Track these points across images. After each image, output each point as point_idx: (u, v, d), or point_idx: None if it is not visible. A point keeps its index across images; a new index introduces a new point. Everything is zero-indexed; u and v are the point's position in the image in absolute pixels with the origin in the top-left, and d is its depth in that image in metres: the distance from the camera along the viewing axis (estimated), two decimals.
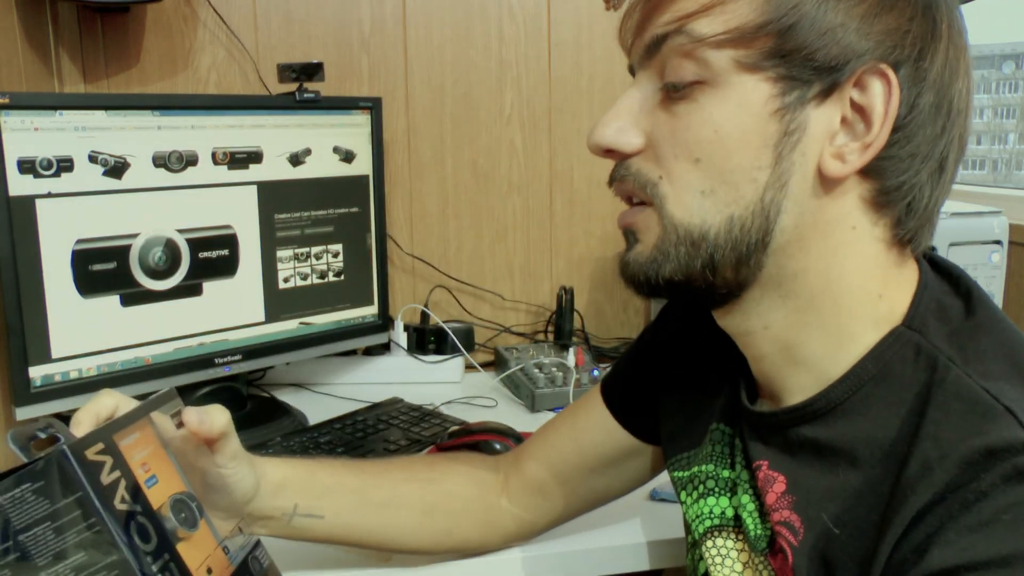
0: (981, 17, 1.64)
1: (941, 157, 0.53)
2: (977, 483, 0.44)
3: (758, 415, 0.60)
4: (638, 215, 0.56)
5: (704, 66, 0.52)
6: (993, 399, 0.47)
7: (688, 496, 0.67)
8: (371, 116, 1.29)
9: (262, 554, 0.65)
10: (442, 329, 1.42)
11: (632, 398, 0.77)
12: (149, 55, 1.35)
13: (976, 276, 1.22)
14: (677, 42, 0.52)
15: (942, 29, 0.52)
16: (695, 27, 0.51)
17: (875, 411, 0.52)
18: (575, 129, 1.52)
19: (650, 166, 0.55)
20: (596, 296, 1.58)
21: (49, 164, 1.00)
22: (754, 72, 0.51)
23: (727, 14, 0.51)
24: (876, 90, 0.50)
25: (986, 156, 13.75)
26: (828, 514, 0.52)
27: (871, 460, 0.51)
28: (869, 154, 0.50)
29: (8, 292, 0.98)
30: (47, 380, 1.02)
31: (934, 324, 0.53)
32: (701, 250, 0.53)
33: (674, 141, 0.53)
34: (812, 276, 0.54)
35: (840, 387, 0.54)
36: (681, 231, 0.53)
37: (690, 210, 0.53)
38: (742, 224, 0.52)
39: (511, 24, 1.47)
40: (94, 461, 0.49)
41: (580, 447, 0.78)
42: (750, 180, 0.52)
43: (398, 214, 1.48)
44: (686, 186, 0.53)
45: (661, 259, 0.54)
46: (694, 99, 0.52)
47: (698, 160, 0.52)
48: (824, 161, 0.51)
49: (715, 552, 0.63)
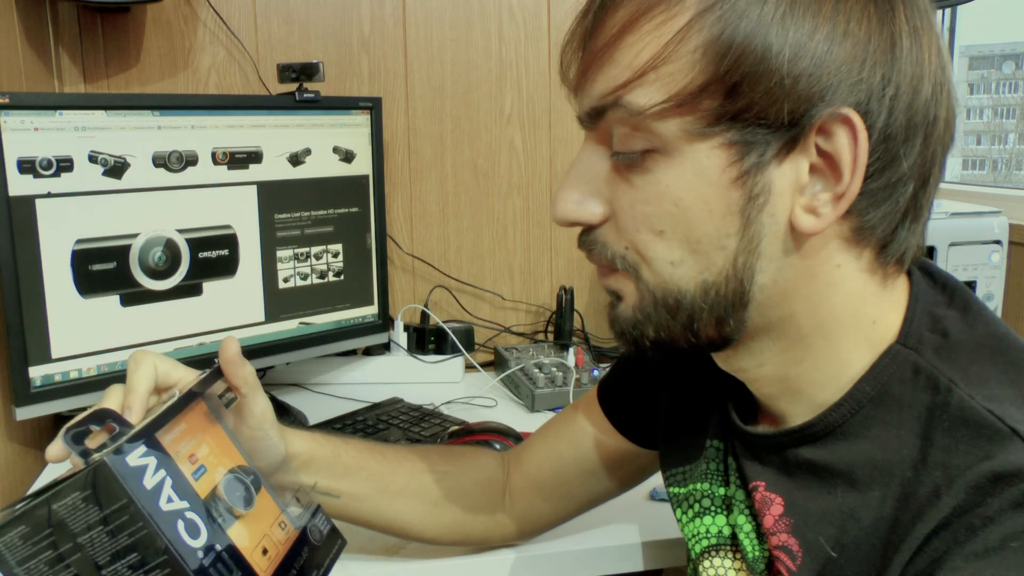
0: (981, 17, 1.64)
1: (924, 173, 0.50)
2: (984, 508, 0.43)
3: (754, 436, 0.58)
4: (616, 277, 0.54)
5: (652, 136, 0.48)
6: (999, 420, 0.45)
7: (684, 514, 0.66)
8: (371, 116, 1.29)
9: (321, 521, 0.64)
10: (442, 329, 1.42)
11: (628, 402, 0.76)
12: (149, 55, 1.35)
13: (976, 276, 1.23)
14: (617, 115, 0.49)
15: (901, 37, 0.47)
16: (632, 99, 0.48)
17: (875, 433, 0.50)
18: (575, 129, 1.52)
19: (615, 238, 0.53)
20: (596, 296, 1.58)
21: (49, 164, 1.00)
22: (705, 139, 0.47)
23: (663, 79, 0.47)
24: (841, 137, 0.46)
25: (986, 156, 13.75)
26: (825, 537, 0.51)
27: (870, 482, 0.49)
28: (843, 205, 0.47)
29: (8, 292, 0.98)
30: (47, 380, 1.02)
31: (929, 339, 0.51)
32: (679, 314, 0.51)
33: (634, 214, 0.51)
34: (800, 319, 0.52)
35: (838, 410, 0.52)
36: (658, 295, 0.52)
37: (663, 278, 0.51)
38: (717, 289, 0.50)
39: (511, 24, 1.47)
40: (136, 466, 0.50)
41: (577, 450, 0.78)
42: (719, 248, 0.49)
43: (398, 214, 1.48)
44: (653, 257, 0.51)
45: (643, 319, 0.53)
46: (648, 169, 0.49)
47: (662, 232, 0.50)
48: (796, 217, 0.48)
49: (713, 572, 0.63)
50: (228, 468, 0.58)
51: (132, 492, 0.49)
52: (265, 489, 0.60)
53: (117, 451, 0.50)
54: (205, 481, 0.55)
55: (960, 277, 1.18)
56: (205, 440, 0.58)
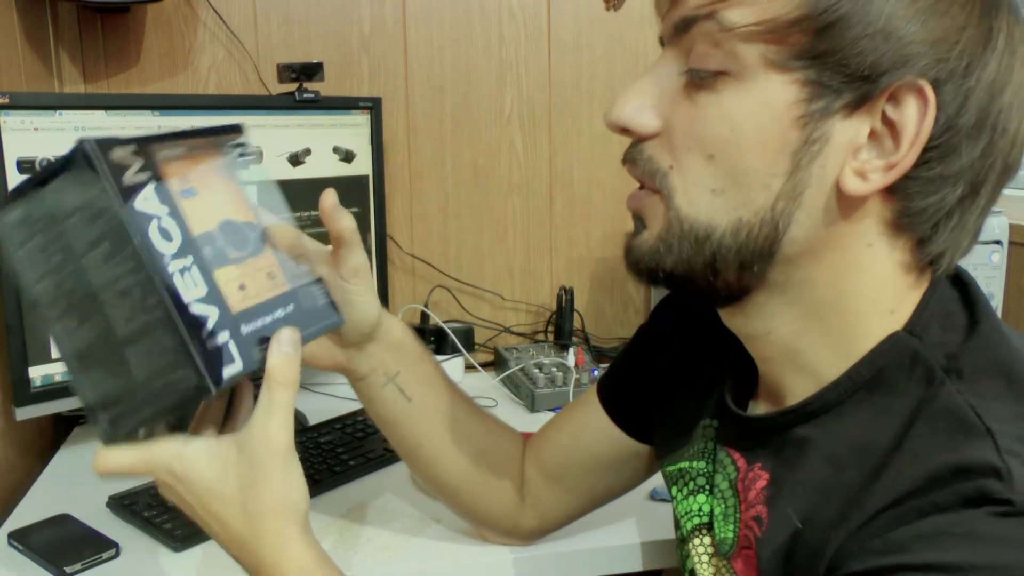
0: None
1: (976, 181, 0.49)
2: (937, 496, 0.43)
3: (751, 419, 0.59)
4: (646, 200, 0.53)
5: (731, 57, 0.48)
6: (977, 418, 0.45)
7: (679, 492, 0.67)
8: (371, 116, 1.29)
9: (319, 291, 0.61)
10: (442, 329, 1.42)
11: (627, 399, 0.76)
12: (149, 55, 1.35)
13: (976, 276, 1.22)
14: (705, 28, 0.49)
15: (998, 37, 0.47)
16: (727, 15, 0.48)
17: (866, 416, 0.51)
18: (575, 129, 1.52)
19: (662, 154, 0.52)
20: (596, 296, 1.58)
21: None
22: (782, 72, 0.47)
23: (761, 3, 0.47)
24: (911, 108, 0.46)
25: None
26: (794, 508, 0.52)
27: (848, 462, 0.50)
28: (893, 175, 0.47)
29: (8, 292, 0.98)
30: (47, 380, 1.02)
31: (936, 331, 0.51)
32: (704, 248, 0.51)
33: (689, 132, 0.50)
34: (820, 287, 0.52)
35: (835, 390, 0.52)
36: (686, 226, 0.51)
37: (698, 206, 0.50)
38: (749, 230, 0.50)
39: (511, 24, 1.47)
40: (119, 159, 0.49)
41: (578, 448, 0.78)
42: (763, 186, 0.49)
43: (398, 214, 1.48)
44: (696, 181, 0.50)
45: (664, 250, 0.52)
46: (716, 90, 0.49)
47: (711, 156, 0.49)
48: (844, 176, 0.48)
49: (701, 550, 0.63)
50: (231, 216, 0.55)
51: (108, 180, 0.48)
52: (269, 249, 0.57)
53: (103, 140, 0.49)
54: (197, 206, 0.53)
55: None
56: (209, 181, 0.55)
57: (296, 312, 0.57)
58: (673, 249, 0.52)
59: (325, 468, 1.03)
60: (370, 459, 1.06)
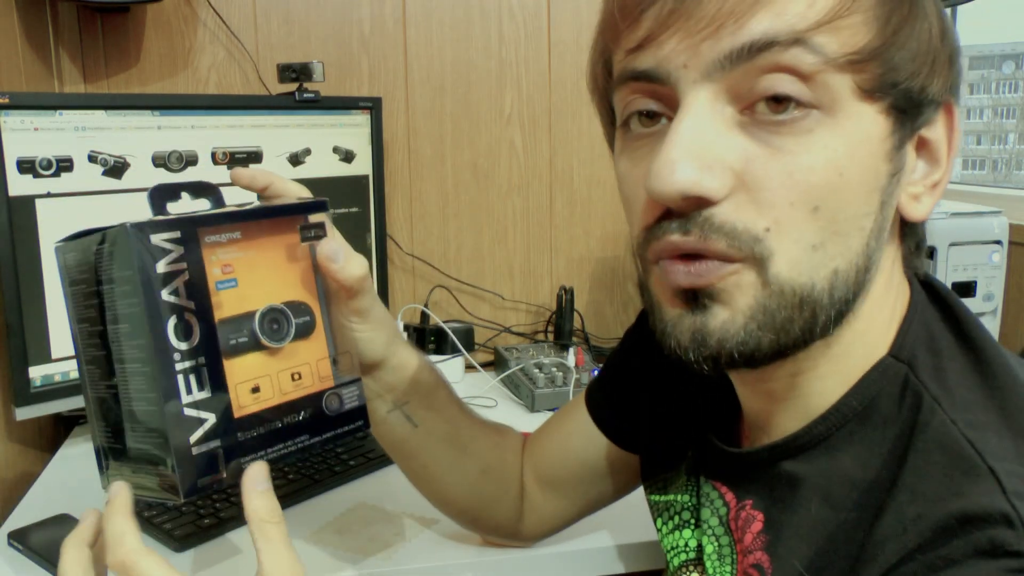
0: (981, 17, 1.64)
1: None
2: (947, 550, 0.40)
3: (739, 455, 0.56)
4: (725, 273, 0.44)
5: (823, 90, 0.42)
6: (976, 454, 0.42)
7: (664, 525, 0.65)
8: (371, 116, 1.29)
9: (350, 394, 0.58)
10: (442, 329, 1.42)
11: (613, 408, 0.75)
12: (149, 55, 1.35)
13: (976, 276, 1.23)
14: (786, 57, 0.41)
15: None
16: (822, 42, 0.41)
17: (856, 449, 0.48)
18: (575, 129, 1.52)
19: (749, 215, 0.43)
20: (596, 296, 1.58)
21: (49, 164, 1.00)
22: (872, 102, 0.43)
23: (847, 30, 0.42)
24: (940, 123, 0.46)
25: (986, 156, 13.72)
26: (799, 556, 0.49)
27: (846, 502, 0.47)
28: (938, 193, 0.46)
29: (8, 292, 0.98)
30: (47, 380, 1.02)
31: (923, 356, 0.48)
32: (804, 312, 0.44)
33: (789, 184, 0.42)
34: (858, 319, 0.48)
35: (824, 423, 0.49)
36: (787, 293, 0.44)
37: (800, 267, 0.43)
38: (845, 279, 0.45)
39: (511, 24, 1.47)
40: (157, 246, 0.49)
41: (569, 455, 0.77)
42: (858, 228, 0.44)
43: (398, 214, 1.48)
44: (798, 239, 0.43)
45: (762, 328, 0.44)
46: (808, 130, 0.42)
47: (816, 208, 0.43)
48: (904, 204, 0.45)
49: None
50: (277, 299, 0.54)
51: (139, 268, 0.48)
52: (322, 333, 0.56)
53: (146, 224, 0.49)
54: (233, 296, 0.52)
55: (960, 277, 1.18)
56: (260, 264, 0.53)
57: (309, 419, 0.56)
58: (775, 321, 0.44)
59: (325, 468, 1.03)
60: (370, 459, 1.06)
